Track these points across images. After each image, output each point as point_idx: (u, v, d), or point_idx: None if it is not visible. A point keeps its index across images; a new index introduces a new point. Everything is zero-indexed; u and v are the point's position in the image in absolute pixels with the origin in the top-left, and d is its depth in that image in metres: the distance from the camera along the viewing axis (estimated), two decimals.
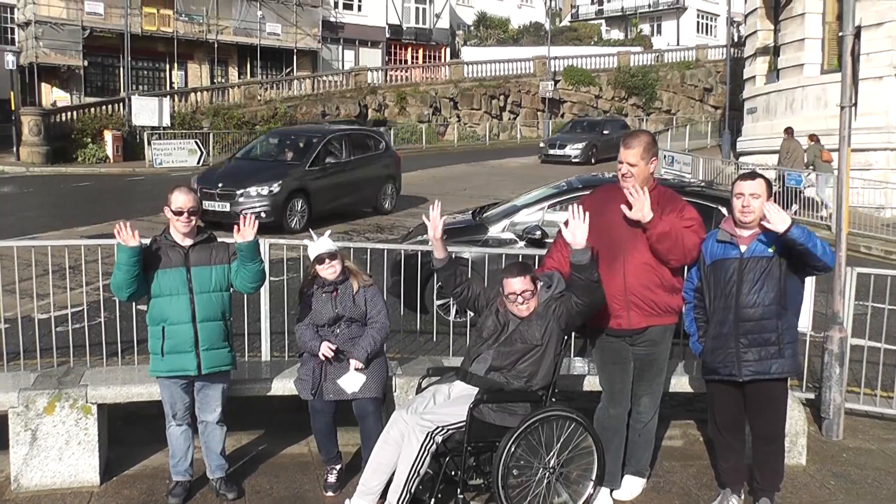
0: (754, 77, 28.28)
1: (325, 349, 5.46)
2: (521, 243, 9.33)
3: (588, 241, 4.85)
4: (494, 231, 9.65)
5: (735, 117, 34.55)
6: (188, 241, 5.25)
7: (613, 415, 5.47)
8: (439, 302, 9.34)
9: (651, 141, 5.30)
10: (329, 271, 5.53)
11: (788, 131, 23.06)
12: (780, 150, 22.72)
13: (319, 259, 5.51)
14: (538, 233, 9.22)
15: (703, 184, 10.79)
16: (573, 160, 34.65)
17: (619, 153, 5.26)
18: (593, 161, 35.05)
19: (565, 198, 9.59)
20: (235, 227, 5.19)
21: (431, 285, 8.97)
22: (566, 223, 4.93)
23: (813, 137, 21.81)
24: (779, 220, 4.78)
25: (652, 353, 5.39)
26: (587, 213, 4.86)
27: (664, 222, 5.08)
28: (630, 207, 5.10)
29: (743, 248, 5.09)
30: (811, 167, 21.11)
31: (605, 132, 37.18)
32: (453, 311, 8.97)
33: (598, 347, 5.52)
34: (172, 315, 5.18)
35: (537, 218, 9.53)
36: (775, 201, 5.11)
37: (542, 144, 37.82)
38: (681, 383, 6.40)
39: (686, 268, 5.40)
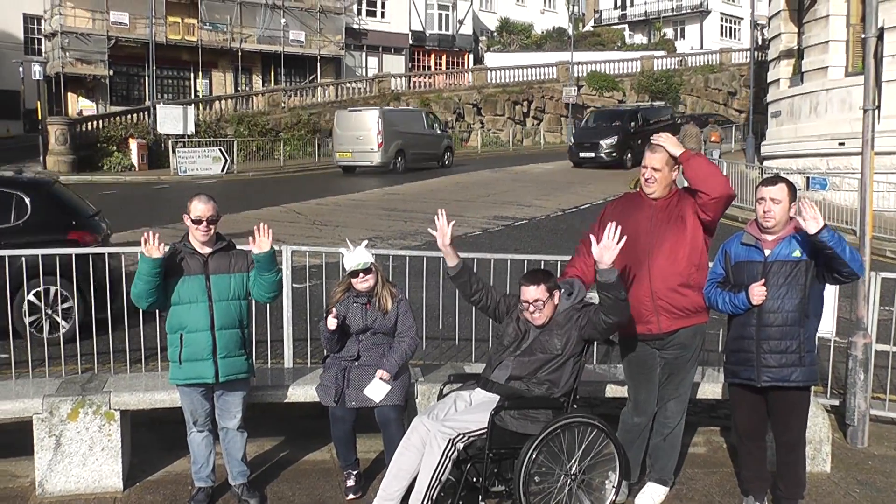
0: (778, 80, 28.05)
1: (330, 322, 5.43)
2: None
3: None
4: None
5: (759, 121, 34.28)
6: (207, 249, 5.26)
7: (637, 422, 5.51)
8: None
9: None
10: (363, 285, 5.56)
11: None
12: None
13: (354, 273, 5.53)
14: None
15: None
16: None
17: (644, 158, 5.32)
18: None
19: None
20: (251, 237, 5.21)
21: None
22: (598, 240, 4.85)
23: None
24: (812, 220, 4.72)
25: (681, 356, 5.36)
26: (623, 237, 4.79)
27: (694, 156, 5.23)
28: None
29: (767, 252, 5.05)
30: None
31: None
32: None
33: (625, 355, 5.51)
34: (191, 322, 5.20)
35: None
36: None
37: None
38: (704, 390, 6.37)
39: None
